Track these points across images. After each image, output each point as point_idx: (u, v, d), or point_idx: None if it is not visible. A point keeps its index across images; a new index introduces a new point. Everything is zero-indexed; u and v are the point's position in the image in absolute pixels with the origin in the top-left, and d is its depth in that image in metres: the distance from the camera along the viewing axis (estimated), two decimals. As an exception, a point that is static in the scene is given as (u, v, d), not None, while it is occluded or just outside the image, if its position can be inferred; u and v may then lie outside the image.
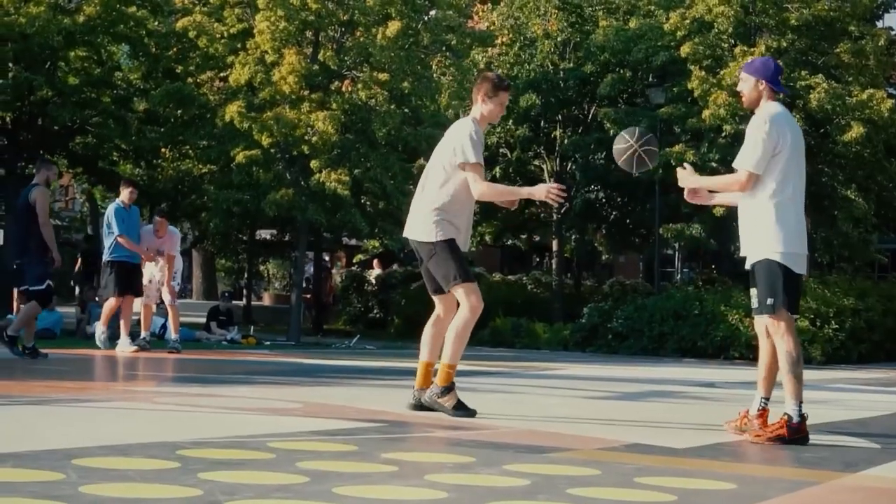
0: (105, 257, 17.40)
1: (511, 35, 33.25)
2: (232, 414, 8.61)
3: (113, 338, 17.27)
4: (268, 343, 24.19)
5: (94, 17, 27.99)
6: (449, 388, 8.71)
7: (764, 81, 8.24)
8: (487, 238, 36.03)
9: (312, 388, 11.74)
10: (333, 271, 43.48)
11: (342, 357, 19.45)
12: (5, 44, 26.64)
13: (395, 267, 38.85)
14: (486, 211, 33.73)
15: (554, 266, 34.49)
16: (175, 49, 30.37)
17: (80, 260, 26.10)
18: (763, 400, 8.32)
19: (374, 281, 37.76)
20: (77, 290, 25.56)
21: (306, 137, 26.71)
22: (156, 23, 29.98)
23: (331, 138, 26.73)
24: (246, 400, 9.53)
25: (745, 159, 8.13)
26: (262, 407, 9.03)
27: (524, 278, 36.67)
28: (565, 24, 32.53)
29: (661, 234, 29.92)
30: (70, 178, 41.44)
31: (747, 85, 8.32)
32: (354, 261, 46.44)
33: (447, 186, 8.72)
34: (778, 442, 7.82)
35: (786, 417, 7.93)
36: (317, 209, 27.20)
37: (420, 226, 8.80)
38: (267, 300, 52.37)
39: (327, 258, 42.73)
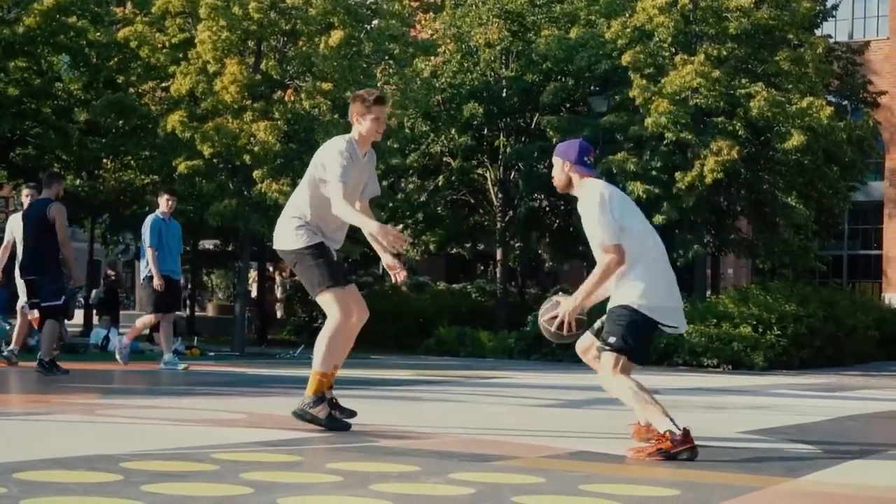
0: (143, 272, 17.09)
1: (453, 44, 33.30)
2: (175, 425, 8.57)
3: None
4: (212, 354, 24.08)
5: (33, 28, 27.82)
6: (321, 399, 8.40)
7: (569, 163, 8.21)
8: (432, 247, 36.03)
9: (257, 399, 11.71)
10: (276, 282, 43.35)
11: (287, 367, 19.39)
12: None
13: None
14: (430, 220, 33.81)
15: (498, 274, 34.52)
16: (116, 59, 30.22)
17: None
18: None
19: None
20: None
21: (248, 147, 26.63)
22: (96, 33, 29.80)
23: (273, 148, 26.66)
24: (189, 411, 9.49)
25: (597, 238, 8.08)
26: (206, 418, 9.00)
27: (468, 287, 36.73)
28: (506, 32, 32.62)
29: (605, 242, 30.01)
30: (10, 189, 41.12)
31: (556, 167, 8.32)
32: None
33: (310, 198, 8.56)
34: (660, 455, 7.43)
35: (667, 433, 7.54)
36: (260, 219, 27.10)
37: (283, 235, 8.69)
38: (211, 311, 52.13)
39: (271, 268, 42.56)
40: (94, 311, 30.54)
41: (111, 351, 20.96)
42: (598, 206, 7.97)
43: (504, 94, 32.73)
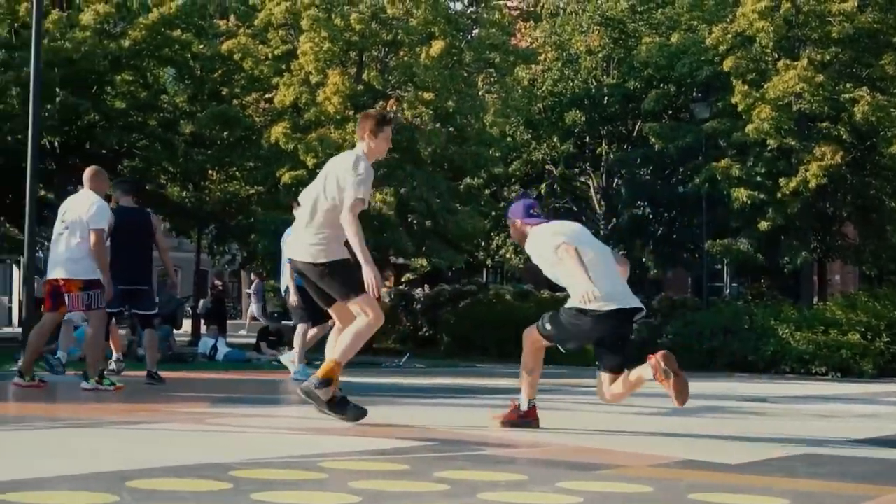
0: (282, 284, 17.13)
1: (554, 52, 33.26)
2: (283, 434, 8.63)
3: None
4: (318, 363, 24.16)
5: (139, 42, 28.21)
6: (328, 383, 9.02)
7: (519, 220, 9.45)
8: (535, 255, 36.03)
9: (366, 408, 11.73)
10: (382, 290, 43.52)
11: (392, 375, 19.44)
12: (52, 69, 26.83)
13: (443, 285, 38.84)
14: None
15: (602, 282, 34.39)
16: (220, 71, 30.57)
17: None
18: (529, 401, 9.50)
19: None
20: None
21: (352, 157, 26.78)
22: (201, 46, 30.17)
23: (376, 158, 26.79)
24: (297, 420, 9.54)
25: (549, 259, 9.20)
26: (314, 427, 9.04)
27: (572, 295, 36.59)
28: (608, 40, 32.52)
29: (709, 250, 29.80)
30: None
31: (512, 228, 9.60)
32: (402, 280, 46.46)
33: (335, 214, 9.03)
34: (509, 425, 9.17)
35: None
36: (363, 228, 27.24)
37: (309, 249, 9.17)
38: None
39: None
40: (202, 321, 30.82)
41: (218, 360, 21.17)
42: (553, 245, 9.07)
43: (605, 102, 32.63)
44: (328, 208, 9.05)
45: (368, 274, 8.95)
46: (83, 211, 12.77)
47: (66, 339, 16.66)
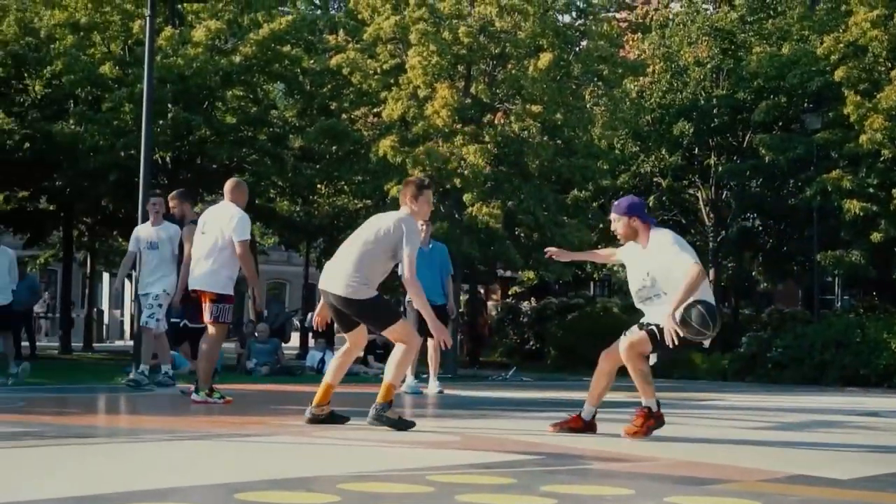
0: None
1: (663, 63, 33.09)
2: (390, 447, 8.67)
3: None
4: (424, 376, 24.25)
5: (250, 57, 28.53)
6: (390, 404, 9.90)
7: (636, 218, 9.74)
8: (643, 268, 35.89)
9: (470, 421, 11.76)
10: (489, 304, 43.51)
11: (499, 389, 19.45)
12: (164, 85, 27.24)
13: (550, 298, 38.77)
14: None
15: (711, 295, 34.18)
16: (329, 86, 30.83)
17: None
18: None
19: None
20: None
21: (459, 171, 26.85)
22: (310, 61, 30.44)
23: (483, 171, 26.83)
24: (403, 433, 9.58)
25: (686, 259, 9.35)
26: (420, 440, 9.07)
27: (681, 307, 36.34)
28: (716, 50, 32.29)
29: (820, 262, 29.46)
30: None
31: (620, 224, 9.82)
32: (509, 293, 46.44)
33: (371, 260, 9.85)
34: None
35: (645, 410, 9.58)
36: (471, 242, 27.30)
37: (345, 284, 9.83)
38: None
39: (482, 290, 42.73)
40: (310, 334, 31.05)
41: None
42: (677, 245, 9.51)
43: (714, 113, 32.39)
44: (375, 259, 9.84)
45: (440, 334, 9.96)
46: (224, 223, 12.89)
47: (150, 350, 16.54)
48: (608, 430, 9.89)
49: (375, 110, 30.78)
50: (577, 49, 29.90)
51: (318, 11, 37.45)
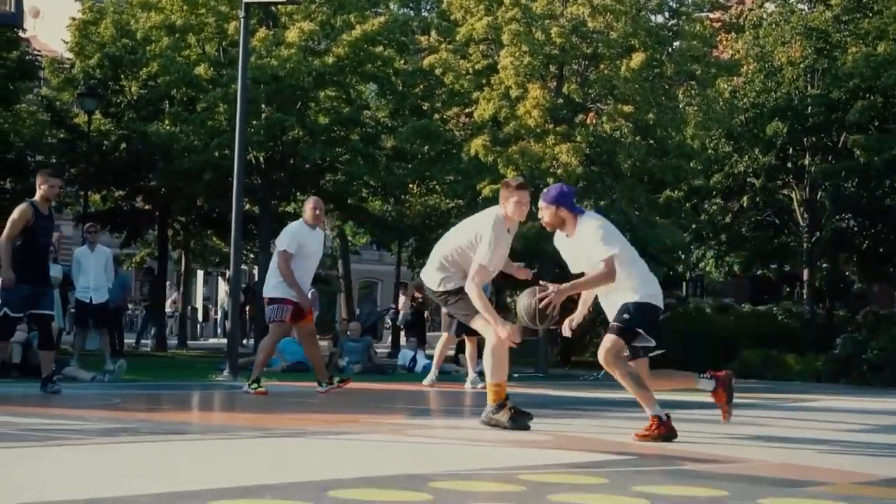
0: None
1: (756, 63, 32.82)
2: (482, 446, 8.69)
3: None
4: (516, 375, 24.23)
5: (343, 58, 28.68)
6: (501, 405, 9.77)
7: (563, 208, 9.62)
8: (736, 268, 35.58)
9: (561, 420, 11.76)
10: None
11: (591, 389, 19.42)
12: (258, 86, 27.46)
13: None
14: (734, 241, 33.42)
15: (805, 296, 33.83)
16: (421, 86, 30.91)
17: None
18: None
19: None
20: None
21: (551, 170, 26.82)
22: (402, 61, 30.55)
23: (575, 171, 26.78)
24: (494, 432, 9.60)
25: (601, 251, 9.40)
26: (511, 439, 9.09)
27: (774, 309, 36.05)
28: (811, 50, 31.97)
29: (916, 263, 29.10)
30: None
31: (547, 213, 9.66)
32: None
33: (458, 254, 9.98)
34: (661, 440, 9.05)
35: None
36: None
37: (435, 277, 10.07)
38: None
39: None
40: (402, 333, 31.18)
41: (418, 372, 21.40)
42: (601, 234, 9.49)
43: (808, 113, 32.06)
44: (461, 254, 9.96)
45: (503, 332, 9.67)
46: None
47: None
48: (685, 430, 9.86)
49: (467, 110, 30.83)
50: (670, 49, 29.72)
51: (411, 12, 37.56)
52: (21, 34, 28.94)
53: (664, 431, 9.19)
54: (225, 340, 28.63)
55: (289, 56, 28.01)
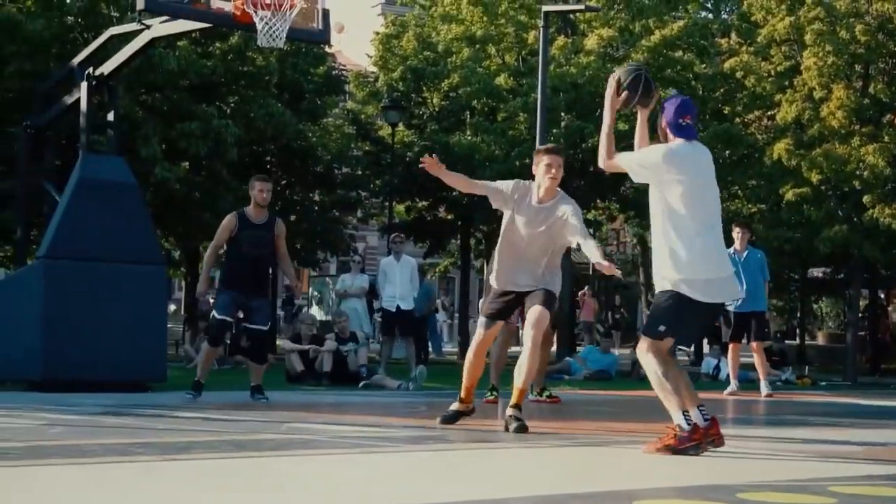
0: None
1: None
2: (789, 457, 8.51)
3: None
4: (823, 383, 23.75)
5: (649, 64, 28.60)
6: (519, 407, 9.75)
7: (665, 122, 8.54)
8: None
9: (873, 431, 11.41)
10: (890, 309, 42.16)
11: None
12: (557, 94, 27.60)
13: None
14: None
15: None
16: (722, 90, 30.57)
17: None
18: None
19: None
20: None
21: (857, 172, 26.13)
22: (702, 65, 30.26)
23: (884, 172, 26.02)
24: (803, 443, 9.39)
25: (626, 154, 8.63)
26: (821, 450, 8.87)
27: None
28: None
29: None
30: (622, 222, 42.38)
31: (659, 124, 8.58)
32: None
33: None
34: (667, 451, 8.03)
35: (676, 427, 8.11)
36: (872, 246, 26.55)
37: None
38: (821, 339, 51.41)
39: (883, 295, 41.43)
40: (705, 341, 30.83)
41: (722, 380, 21.12)
42: (655, 151, 8.42)
43: None
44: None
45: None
46: None
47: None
48: None
49: (769, 113, 30.33)
50: None
51: (710, 15, 37.15)
52: (327, 49, 29.74)
53: None
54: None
55: (588, 63, 28.08)
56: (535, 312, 9.65)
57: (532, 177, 9.97)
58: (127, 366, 13.84)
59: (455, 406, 10.25)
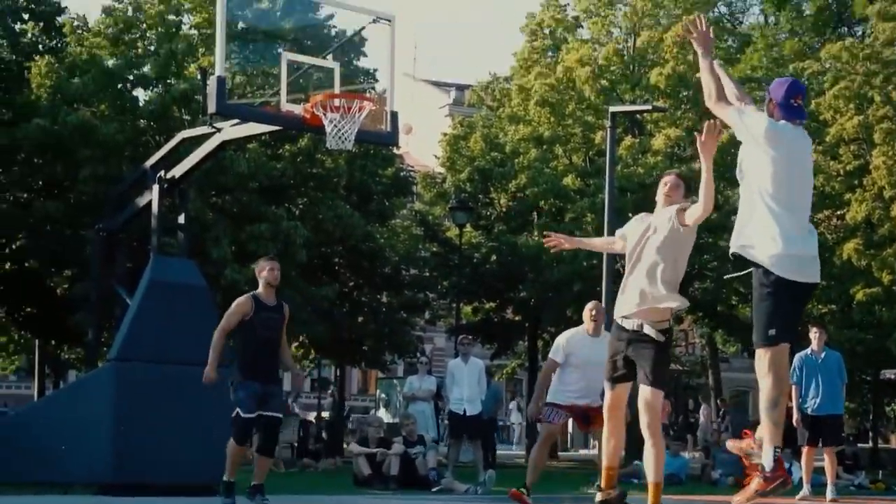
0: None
1: None
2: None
3: None
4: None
5: (717, 162, 28.55)
6: None
7: (773, 101, 8.29)
8: None
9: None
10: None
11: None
12: (625, 194, 27.54)
13: None
14: None
15: None
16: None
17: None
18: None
19: None
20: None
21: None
22: (770, 165, 30.19)
23: (958, 275, 25.81)
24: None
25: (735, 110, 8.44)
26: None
27: None
28: None
29: None
30: (690, 323, 42.09)
31: (767, 103, 8.33)
32: None
33: None
34: (757, 497, 7.72)
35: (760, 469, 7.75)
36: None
37: None
38: (894, 443, 50.66)
39: None
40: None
41: (794, 483, 20.76)
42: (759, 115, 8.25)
43: None
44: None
45: None
46: None
47: None
48: None
49: (839, 213, 30.15)
50: None
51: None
52: (395, 151, 29.94)
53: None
54: (594, 451, 28.55)
55: (655, 163, 28.08)
56: (644, 393, 8.98)
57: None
58: (197, 468, 13.79)
59: (599, 497, 9.48)
